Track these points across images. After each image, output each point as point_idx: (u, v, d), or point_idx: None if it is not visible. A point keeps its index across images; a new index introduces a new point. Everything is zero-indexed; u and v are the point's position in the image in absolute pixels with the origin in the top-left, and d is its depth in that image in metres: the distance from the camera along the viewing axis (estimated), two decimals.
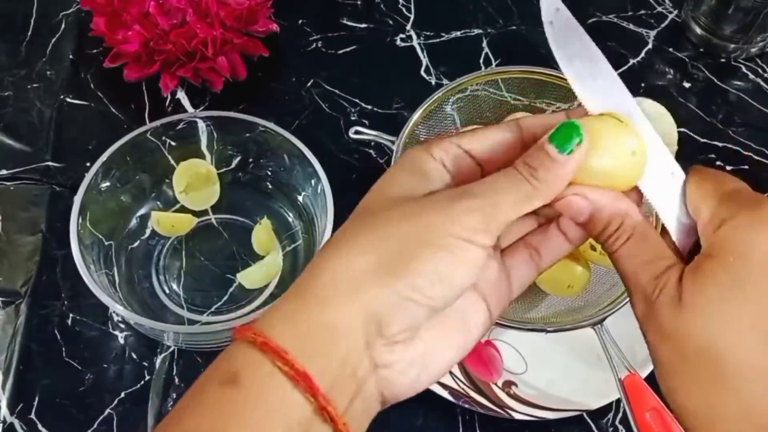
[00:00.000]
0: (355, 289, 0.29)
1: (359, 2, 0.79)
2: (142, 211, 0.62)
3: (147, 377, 0.57)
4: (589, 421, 0.57)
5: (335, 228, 0.54)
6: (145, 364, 0.57)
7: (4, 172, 0.66)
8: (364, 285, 0.29)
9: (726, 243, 0.30)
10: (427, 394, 0.55)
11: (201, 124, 0.61)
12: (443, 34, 0.77)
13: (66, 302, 0.59)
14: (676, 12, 0.80)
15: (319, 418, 0.28)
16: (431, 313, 0.30)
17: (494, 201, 0.30)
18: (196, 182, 0.61)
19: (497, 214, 0.30)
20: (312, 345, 0.28)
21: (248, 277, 0.59)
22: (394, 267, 0.29)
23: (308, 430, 0.28)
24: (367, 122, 0.70)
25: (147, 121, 0.69)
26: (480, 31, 0.78)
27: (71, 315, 0.59)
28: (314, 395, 0.28)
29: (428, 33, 0.77)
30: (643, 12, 0.80)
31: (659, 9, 0.81)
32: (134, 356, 0.58)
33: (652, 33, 0.79)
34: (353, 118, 0.71)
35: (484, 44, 0.77)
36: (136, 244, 0.61)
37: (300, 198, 0.62)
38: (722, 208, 0.31)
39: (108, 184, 0.58)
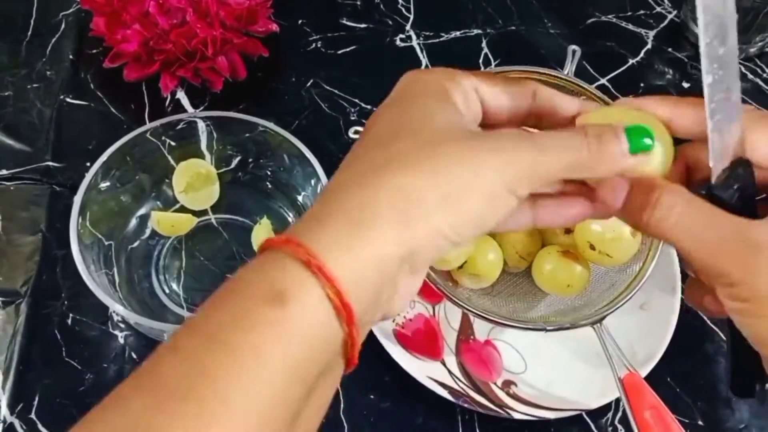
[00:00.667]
0: (408, 222, 0.28)
1: (359, 2, 0.79)
2: (141, 211, 0.62)
3: None
4: (588, 420, 0.57)
5: None
6: None
7: (4, 172, 0.66)
8: (416, 218, 0.28)
9: None
10: (427, 393, 0.55)
11: (201, 124, 0.61)
12: (443, 35, 0.77)
13: (66, 302, 0.59)
14: (675, 12, 0.80)
15: (343, 348, 0.28)
16: (451, 249, 0.30)
17: (547, 159, 0.30)
18: (196, 182, 0.61)
19: (545, 173, 0.30)
20: (358, 276, 0.28)
21: None
22: (443, 203, 0.29)
23: (334, 358, 0.28)
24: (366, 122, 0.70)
25: (147, 121, 0.69)
26: (479, 31, 0.78)
27: (71, 315, 0.59)
28: (350, 326, 0.28)
29: (428, 33, 0.77)
30: (642, 12, 0.81)
31: (658, 9, 0.81)
32: (134, 356, 0.58)
33: (652, 33, 0.79)
34: (353, 118, 0.71)
35: (484, 44, 0.77)
36: (135, 244, 0.61)
37: (300, 198, 0.62)
38: None
39: (108, 184, 0.58)
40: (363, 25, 0.78)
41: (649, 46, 0.78)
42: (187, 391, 0.25)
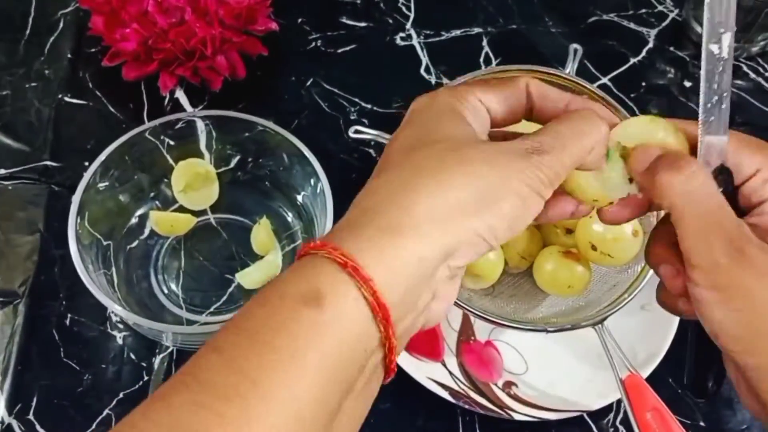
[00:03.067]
0: (448, 224, 0.29)
1: (359, 1, 0.79)
2: (140, 211, 0.61)
3: (145, 378, 0.56)
4: (589, 421, 0.57)
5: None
6: (144, 364, 0.57)
7: (2, 171, 0.66)
8: (457, 221, 0.29)
9: None
10: (428, 394, 0.55)
11: (200, 124, 0.60)
12: (443, 33, 0.77)
13: (64, 302, 0.59)
14: (676, 11, 0.80)
15: (381, 348, 0.29)
16: (487, 251, 0.31)
17: (560, 158, 0.32)
18: (195, 182, 0.61)
19: (562, 172, 0.32)
20: (396, 278, 0.29)
21: (247, 277, 0.59)
22: (480, 205, 0.30)
23: (370, 357, 0.29)
24: (366, 121, 0.70)
25: (146, 120, 0.69)
26: (480, 30, 0.78)
27: (69, 315, 0.59)
28: (386, 327, 0.28)
29: (428, 32, 0.77)
30: (643, 11, 0.80)
31: (660, 8, 0.81)
32: (133, 357, 0.57)
33: (653, 32, 0.79)
34: (353, 118, 0.70)
35: (484, 43, 0.77)
36: (134, 243, 0.61)
37: (299, 198, 0.61)
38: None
39: (106, 183, 0.57)
40: (363, 24, 0.77)
41: (650, 45, 0.78)
42: (230, 390, 0.26)
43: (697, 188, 0.32)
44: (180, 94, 0.71)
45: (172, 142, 0.60)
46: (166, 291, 0.60)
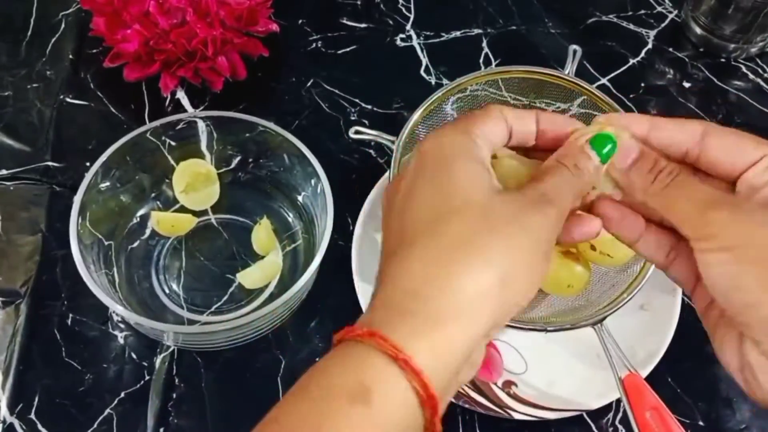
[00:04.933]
0: (493, 303, 0.29)
1: (359, 2, 0.79)
2: (141, 211, 0.62)
3: (147, 377, 0.56)
4: (588, 421, 0.57)
5: (337, 227, 0.54)
6: (145, 364, 0.57)
7: (3, 172, 0.66)
8: (499, 297, 0.30)
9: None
10: None
11: (201, 124, 0.61)
12: (443, 34, 0.77)
13: (66, 302, 0.59)
14: (675, 12, 0.80)
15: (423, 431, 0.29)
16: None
17: (561, 209, 0.32)
18: (196, 182, 0.61)
19: (564, 221, 0.33)
20: (444, 365, 0.29)
21: (248, 277, 0.59)
22: (516, 279, 0.30)
23: None
24: (367, 122, 0.70)
25: (147, 120, 0.69)
26: (480, 31, 0.78)
27: (71, 315, 0.59)
28: (432, 415, 0.28)
29: (428, 33, 0.77)
30: (642, 12, 0.80)
31: (659, 9, 0.81)
32: (134, 356, 0.58)
33: (652, 33, 0.79)
34: (353, 118, 0.71)
35: (484, 44, 0.77)
36: (135, 244, 0.61)
37: (300, 198, 0.62)
38: None
39: (108, 184, 0.58)
40: (363, 25, 0.78)
41: (649, 45, 0.78)
42: None
43: (681, 180, 0.33)
44: (181, 95, 0.71)
45: (173, 143, 0.61)
46: (167, 291, 0.60)
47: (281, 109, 0.71)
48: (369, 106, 0.72)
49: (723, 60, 0.77)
